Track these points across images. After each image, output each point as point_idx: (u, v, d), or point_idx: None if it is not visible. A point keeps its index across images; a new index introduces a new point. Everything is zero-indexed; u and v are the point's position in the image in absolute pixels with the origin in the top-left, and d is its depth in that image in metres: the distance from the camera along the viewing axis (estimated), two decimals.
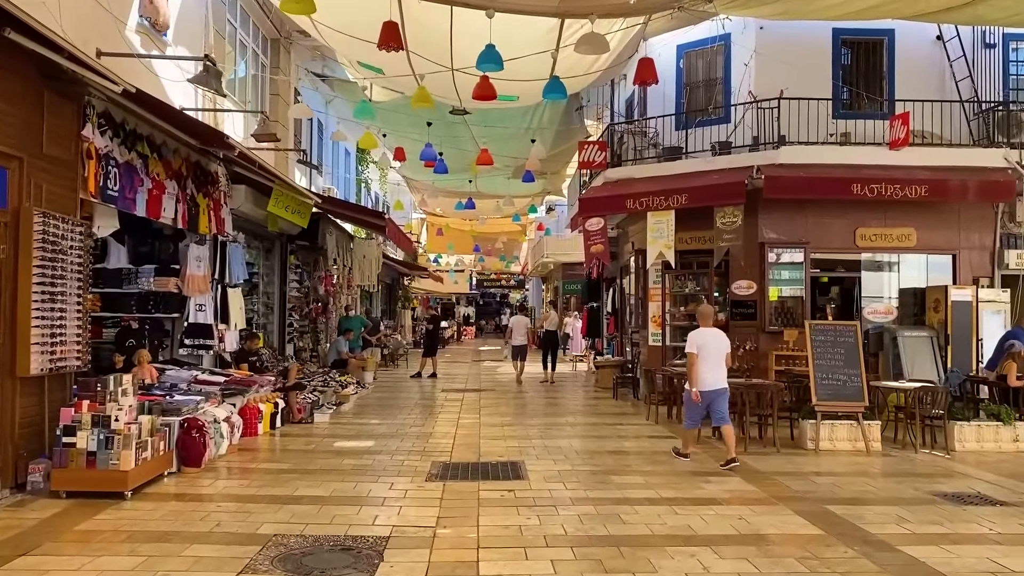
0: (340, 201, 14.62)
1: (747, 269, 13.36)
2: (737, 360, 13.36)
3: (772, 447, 9.72)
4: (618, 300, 18.11)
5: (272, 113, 15.90)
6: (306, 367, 15.27)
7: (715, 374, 8.70)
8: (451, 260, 40.42)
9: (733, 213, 12.71)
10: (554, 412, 13.22)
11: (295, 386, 11.40)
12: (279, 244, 15.78)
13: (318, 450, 9.36)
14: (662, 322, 14.25)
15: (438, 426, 11.46)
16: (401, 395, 15.52)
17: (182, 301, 10.91)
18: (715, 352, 8.74)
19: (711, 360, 8.70)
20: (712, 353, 8.72)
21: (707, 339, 8.82)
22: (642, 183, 14.03)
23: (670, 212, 13.25)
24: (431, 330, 19.93)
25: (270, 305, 15.71)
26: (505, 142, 18.38)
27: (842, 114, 13.75)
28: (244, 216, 13.04)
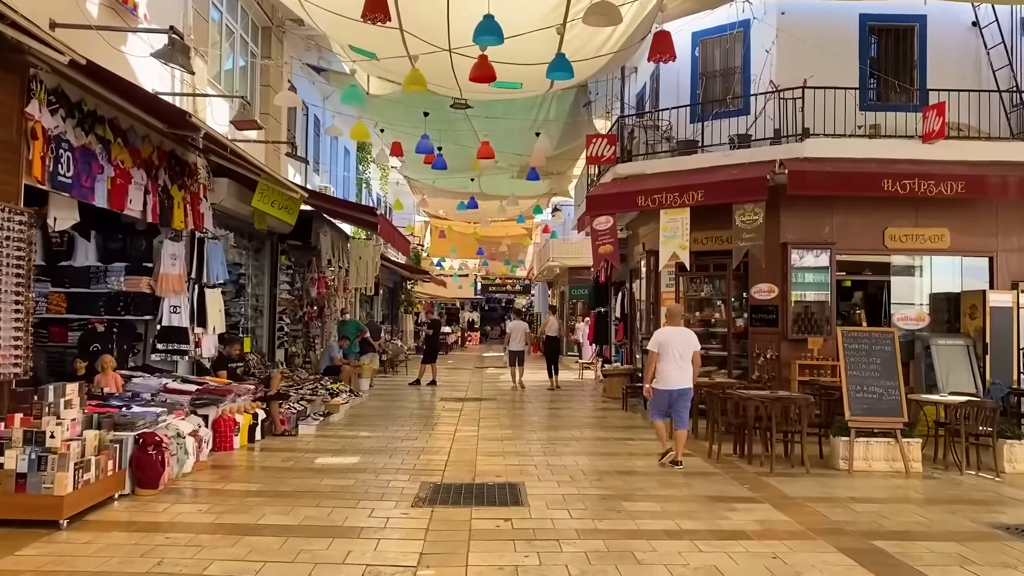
0: (328, 196, 13.74)
1: (768, 272, 12.43)
2: (757, 369, 12.49)
3: (800, 466, 8.77)
4: (627, 305, 17.18)
5: (263, 106, 15.06)
6: (296, 374, 14.38)
7: (679, 374, 8.65)
8: (454, 264, 39.52)
9: (754, 211, 11.77)
10: (559, 424, 12.28)
11: (278, 395, 10.49)
12: (269, 243, 14.90)
13: (296, 467, 8.44)
14: None
15: (432, 439, 10.54)
16: (397, 404, 14.60)
17: (155, 302, 10.04)
18: (678, 352, 8.67)
19: (674, 359, 8.65)
20: (675, 352, 8.66)
21: (670, 338, 8.79)
22: (654, 179, 13.11)
23: (685, 210, 12.32)
24: (431, 335, 19.00)
25: (259, 308, 14.83)
26: (509, 139, 17.48)
27: (869, 105, 12.80)
28: (228, 212, 12.17)
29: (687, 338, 8.84)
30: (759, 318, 12.62)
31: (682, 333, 8.92)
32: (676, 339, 8.77)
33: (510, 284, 49.59)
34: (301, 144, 17.89)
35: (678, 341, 8.75)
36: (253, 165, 10.41)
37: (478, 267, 42.92)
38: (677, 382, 8.66)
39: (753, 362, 12.60)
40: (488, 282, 49.70)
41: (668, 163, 13.26)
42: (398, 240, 14.05)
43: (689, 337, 8.87)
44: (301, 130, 17.99)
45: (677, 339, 8.77)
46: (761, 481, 8.09)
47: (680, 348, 8.69)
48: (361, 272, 17.91)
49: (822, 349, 12.13)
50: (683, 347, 8.71)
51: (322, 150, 20.34)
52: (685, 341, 8.78)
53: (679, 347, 8.70)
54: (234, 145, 10.35)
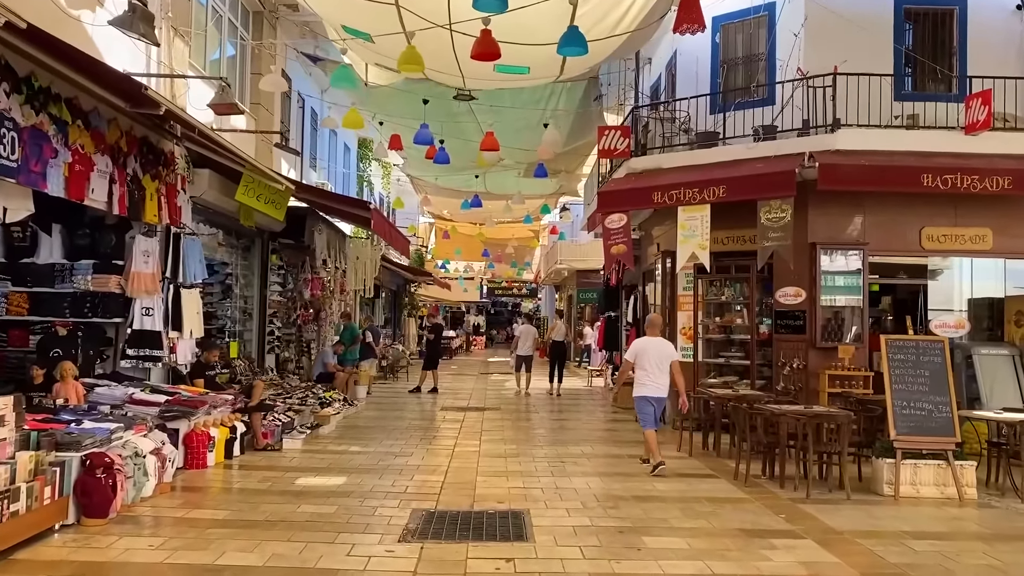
0: (317, 189, 12.81)
1: (794, 274, 11.46)
2: (782, 380, 11.52)
3: (839, 491, 7.82)
4: (640, 310, 16.22)
5: (253, 95, 14.19)
6: (287, 381, 13.47)
7: (657, 383, 8.85)
8: (459, 267, 38.59)
9: (781, 207, 10.81)
10: (567, 438, 11.33)
11: (259, 407, 9.57)
12: (260, 242, 14.00)
13: (273, 490, 7.51)
14: (694, 335, 12.34)
15: (429, 456, 9.61)
16: (394, 414, 13.67)
17: (126, 304, 9.16)
18: (656, 361, 8.84)
19: (652, 369, 8.83)
20: (652, 362, 8.84)
21: (647, 348, 8.97)
22: (672, 174, 12.16)
23: (705, 207, 11.37)
24: (432, 340, 18.07)
25: (248, 310, 13.94)
26: (515, 134, 16.57)
27: (905, 95, 11.82)
28: (211, 207, 11.29)
29: (665, 348, 9.02)
30: (785, 324, 11.65)
31: (660, 343, 9.11)
32: (653, 349, 8.95)
33: (516, 287, 48.59)
34: (296, 138, 17.02)
35: (655, 351, 8.92)
36: (234, 154, 9.51)
37: (483, 270, 41.94)
38: (659, 391, 8.87)
39: (778, 372, 11.63)
40: (494, 285, 48.71)
41: (687, 156, 12.32)
42: (396, 238, 13.13)
43: (667, 348, 9.09)
44: (296, 123, 17.12)
45: (654, 349, 8.95)
46: (798, 510, 7.13)
47: (657, 358, 8.85)
48: (359, 273, 17.00)
49: (853, 358, 11.16)
50: (660, 357, 8.87)
51: (319, 146, 19.47)
52: (662, 351, 8.94)
53: (656, 357, 8.85)
54: (214, 132, 9.48)
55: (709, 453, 10.03)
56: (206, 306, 13.39)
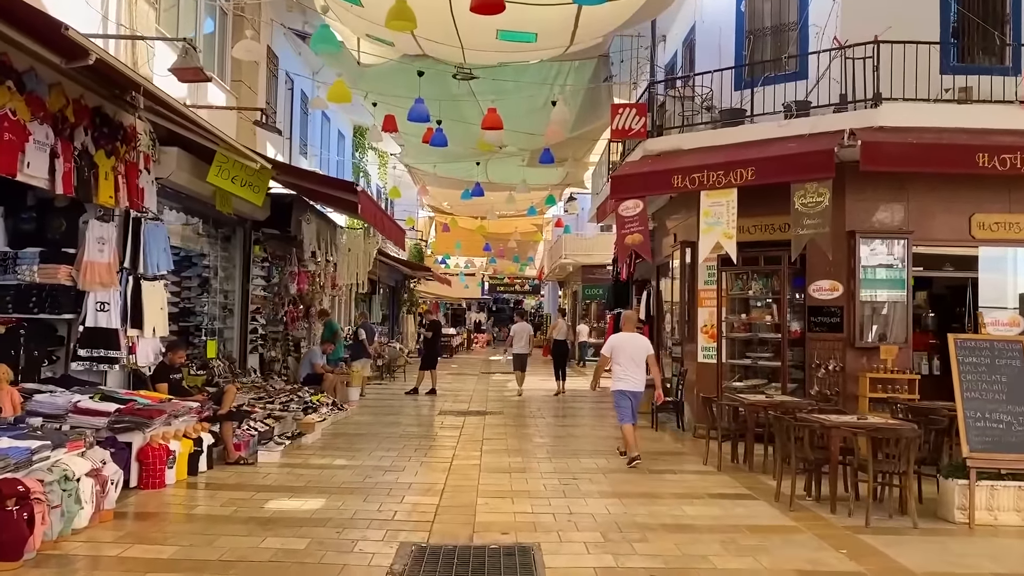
0: (296, 168, 11.59)
1: (830, 266, 10.32)
2: (816, 383, 10.38)
3: (900, 515, 6.70)
4: (653, 306, 15.08)
5: (235, 72, 13.05)
6: (270, 383, 12.33)
7: (635, 377, 9.09)
8: (460, 262, 37.42)
9: (818, 191, 9.66)
10: (578, 448, 10.19)
11: (230, 415, 8.43)
12: (242, 231, 12.85)
13: (237, 517, 6.37)
14: (717, 333, 11.20)
15: (423, 471, 8.48)
16: (388, 419, 12.53)
17: (78, 297, 8.03)
18: (632, 356, 9.11)
19: (629, 364, 9.08)
20: (629, 357, 9.09)
21: (622, 343, 9.23)
22: (693, 155, 11.01)
23: (731, 191, 10.23)
24: (430, 339, 16.91)
25: (228, 306, 12.80)
26: (520, 118, 15.44)
27: (953, 67, 10.64)
28: (183, 191, 10.14)
29: (642, 344, 9.33)
30: (819, 322, 10.51)
31: (635, 339, 9.40)
32: (629, 344, 9.21)
33: (519, 284, 47.41)
34: (284, 122, 15.88)
35: (631, 346, 9.19)
36: (206, 130, 8.37)
37: (485, 265, 40.81)
38: (637, 385, 9.10)
39: (811, 375, 10.50)
40: (496, 282, 47.51)
41: (710, 136, 11.16)
42: (388, 226, 11.96)
43: (643, 342, 9.40)
44: (284, 105, 15.99)
45: (630, 344, 9.21)
46: (859, 542, 5.98)
47: (633, 353, 9.12)
48: (352, 267, 15.85)
49: (897, 359, 10.03)
50: (636, 352, 9.15)
51: (311, 132, 18.34)
52: (638, 346, 9.24)
53: (632, 352, 9.12)
54: (187, 108, 8.36)
55: (739, 467, 8.89)
56: (182, 301, 12.35)
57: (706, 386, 11.41)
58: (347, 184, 10.23)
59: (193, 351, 11.98)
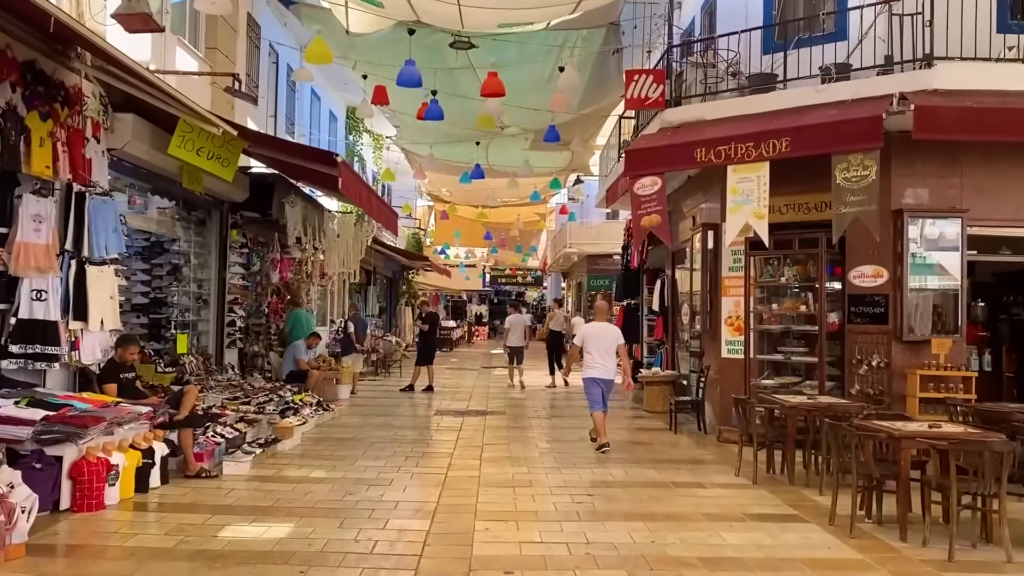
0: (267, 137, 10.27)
1: (873, 249, 9.17)
2: (858, 381, 9.24)
3: (984, 543, 5.56)
4: (668, 296, 13.91)
5: (210, 39, 11.87)
6: (248, 382, 11.19)
7: (604, 365, 9.33)
8: (460, 252, 36.21)
9: (864, 163, 8.47)
10: (591, 456, 9.02)
11: (189, 420, 7.26)
12: (218, 214, 11.69)
13: (182, 550, 5.21)
14: (744, 326, 10.03)
15: (413, 485, 7.34)
16: (378, 421, 11.39)
17: (10, 284, 6.89)
18: (603, 345, 9.34)
19: (598, 353, 9.31)
20: (600, 346, 9.33)
21: (592, 332, 9.51)
22: (718, 126, 9.82)
23: (762, 165, 9.05)
24: (427, 332, 15.74)
25: (204, 297, 11.65)
26: (523, 93, 14.27)
27: (1012, 25, 9.45)
28: (144, 165, 8.98)
29: (611, 333, 9.60)
30: (860, 312, 9.35)
31: (606, 328, 9.73)
32: (600, 334, 9.47)
33: (521, 275, 46.18)
34: (267, 98, 14.71)
35: (602, 336, 9.44)
36: (165, 93, 7.20)
37: (486, 256, 39.60)
38: (605, 373, 9.33)
39: (851, 371, 9.35)
40: (497, 273, 46.26)
41: (737, 105, 9.96)
42: (376, 206, 10.74)
43: (612, 332, 9.68)
44: (267, 80, 14.82)
45: (601, 334, 9.48)
46: None
47: (604, 343, 9.36)
48: (341, 254, 14.66)
49: (950, 354, 8.88)
50: (606, 342, 9.39)
51: (299, 110, 17.15)
52: (608, 336, 9.50)
53: (603, 342, 9.36)
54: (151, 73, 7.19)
55: (777, 479, 7.75)
56: (153, 291, 11.24)
57: (731, 384, 10.26)
58: (325, 154, 9.01)
59: (163, 347, 10.88)
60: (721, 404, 10.41)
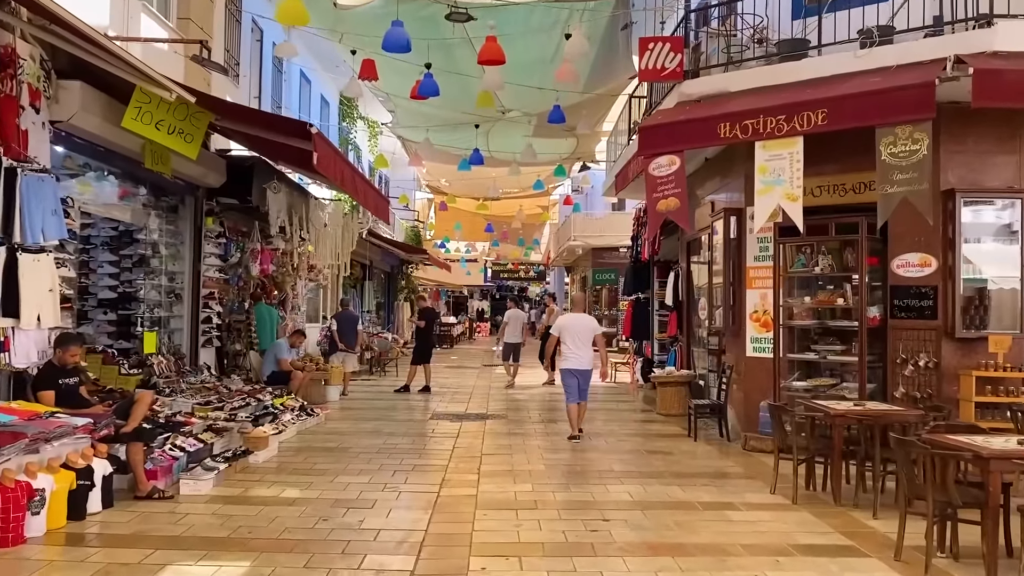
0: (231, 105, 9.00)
1: (921, 235, 8.15)
2: (903, 383, 8.21)
3: None
4: (682, 289, 12.89)
5: (182, 8, 10.83)
6: (225, 384, 10.19)
7: (580, 356, 9.42)
8: (460, 246, 35.16)
9: (913, 137, 7.43)
10: (603, 469, 8.01)
11: (138, 433, 6.25)
12: (192, 201, 10.68)
13: None
14: (773, 321, 9.01)
15: (400, 507, 6.32)
16: (367, 427, 10.38)
17: None
18: (580, 335, 9.42)
19: (575, 344, 9.39)
20: (577, 336, 9.41)
21: (570, 323, 9.64)
22: (744, 99, 8.78)
23: (795, 140, 8.00)
24: (423, 329, 14.72)
25: (176, 291, 10.65)
26: (525, 70, 13.25)
27: None
28: (98, 141, 7.97)
29: (588, 324, 9.67)
30: (905, 306, 8.32)
31: (583, 319, 9.77)
32: (577, 325, 9.57)
33: (523, 270, 45.11)
34: (250, 79, 13.68)
35: (578, 327, 9.52)
36: (102, 49, 6.18)
37: (487, 250, 38.57)
38: (579, 364, 9.40)
39: (895, 372, 8.32)
40: (499, 268, 45.19)
41: (765, 74, 8.90)
42: (362, 188, 9.64)
43: (589, 323, 9.73)
44: (250, 58, 13.78)
45: (577, 325, 9.57)
46: None
47: (580, 334, 9.43)
48: (329, 245, 13.64)
49: (1010, 353, 7.85)
50: (583, 332, 9.46)
51: (287, 93, 16.12)
52: (585, 327, 9.56)
53: (580, 333, 9.44)
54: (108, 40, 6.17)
55: (818, 496, 6.74)
56: (122, 285, 10.26)
57: (757, 386, 9.25)
58: (296, 125, 7.96)
59: (133, 346, 9.90)
60: (745, 408, 9.40)
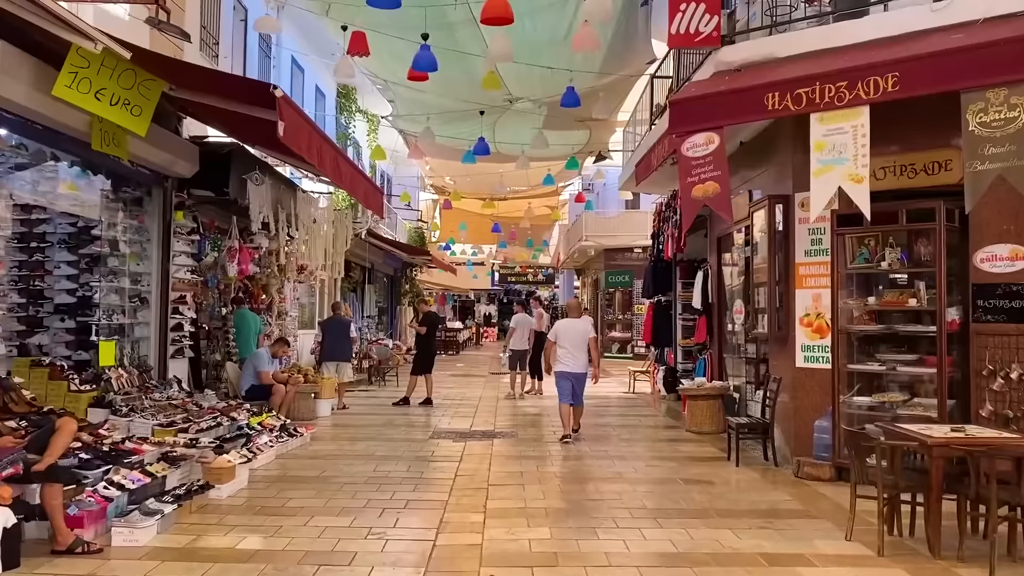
0: (175, 62, 7.46)
1: (1010, 223, 6.85)
2: (990, 399, 6.87)
3: None
4: (713, 291, 11.57)
5: None
6: (196, 400, 8.92)
7: (573, 360, 9.74)
8: (467, 248, 33.88)
9: (1009, 102, 6.12)
10: (636, 507, 6.70)
11: (49, 473, 4.96)
12: (160, 193, 9.42)
13: None
14: (831, 326, 7.68)
15: (382, 567, 5.01)
16: (358, 449, 9.09)
17: None
18: (574, 340, 9.77)
19: (569, 347, 9.74)
20: (571, 341, 9.76)
21: (563, 327, 9.96)
22: (793, 64, 7.47)
23: (860, 110, 6.71)
24: (424, 336, 13.42)
25: (142, 294, 9.39)
26: (534, 52, 12.01)
27: None
28: (33, 118, 6.72)
29: (581, 328, 9.97)
30: (991, 307, 7.00)
31: (577, 324, 10.05)
32: (570, 329, 9.87)
33: (532, 273, 43.77)
34: (232, 60, 12.44)
35: (571, 331, 9.84)
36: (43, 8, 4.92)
37: (494, 252, 37.30)
38: (573, 367, 9.74)
39: (980, 386, 6.99)
40: (507, 271, 43.84)
41: (819, 36, 7.58)
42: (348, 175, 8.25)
43: (582, 326, 10.05)
44: (234, 39, 12.54)
45: (571, 329, 9.87)
46: None
47: (574, 338, 9.77)
48: (320, 243, 12.35)
49: None
50: (576, 336, 9.80)
51: (277, 80, 14.85)
52: (577, 330, 9.88)
53: (573, 337, 9.78)
54: None
55: (907, 543, 5.42)
56: (82, 288, 9.02)
57: (810, 402, 7.94)
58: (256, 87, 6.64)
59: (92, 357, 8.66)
60: (796, 427, 8.08)
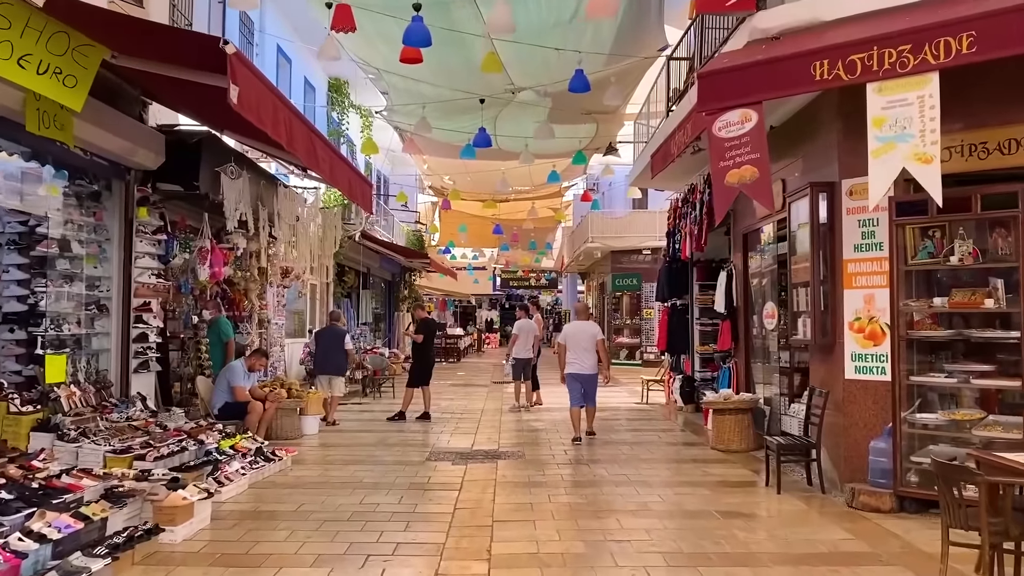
0: (104, 12, 6.34)
1: None
2: None
3: None
4: (737, 293, 10.52)
5: None
6: (161, 420, 7.87)
7: (582, 362, 10.00)
8: (467, 253, 32.83)
9: None
10: (671, 552, 5.63)
11: None
12: (120, 187, 8.39)
13: None
14: (891, 331, 6.62)
15: None
16: (343, 476, 8.02)
17: None
18: (582, 342, 10.03)
19: (578, 350, 10.00)
20: (579, 343, 10.03)
21: (571, 331, 10.31)
22: (841, 29, 6.44)
23: (927, 78, 5.68)
24: (421, 345, 12.34)
25: (101, 301, 8.35)
26: (538, 35, 10.98)
27: None
28: None
29: (589, 331, 10.20)
30: None
31: (586, 326, 10.33)
32: (577, 332, 10.15)
33: (534, 277, 42.70)
34: None
35: (579, 334, 10.10)
36: None
37: (496, 256, 36.25)
38: (583, 369, 9.99)
39: None
40: (509, 275, 42.76)
41: None
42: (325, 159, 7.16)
43: (592, 329, 10.31)
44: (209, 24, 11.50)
45: (578, 332, 10.15)
46: None
47: (584, 341, 10.01)
48: (304, 246, 11.29)
49: None
50: (586, 340, 10.03)
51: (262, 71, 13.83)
52: (587, 334, 10.11)
53: (581, 339, 10.03)
54: None
55: None
56: (34, 294, 7.98)
57: (863, 419, 6.90)
58: (202, 42, 5.55)
59: (31, 372, 7.62)
60: (846, 448, 7.03)
